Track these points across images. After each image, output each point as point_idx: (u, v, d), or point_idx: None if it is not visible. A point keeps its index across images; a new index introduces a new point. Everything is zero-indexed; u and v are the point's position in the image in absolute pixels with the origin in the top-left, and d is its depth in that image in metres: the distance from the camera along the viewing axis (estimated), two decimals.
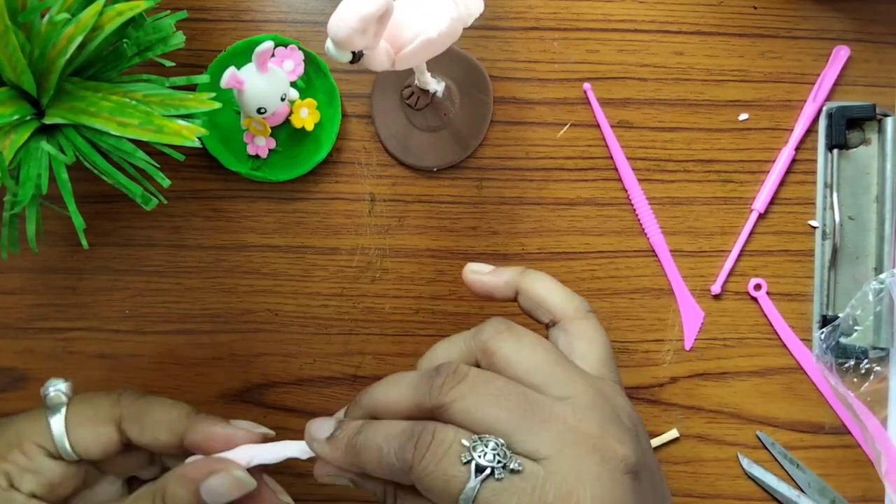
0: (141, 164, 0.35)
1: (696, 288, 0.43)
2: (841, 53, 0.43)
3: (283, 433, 0.42)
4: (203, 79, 0.37)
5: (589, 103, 0.43)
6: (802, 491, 0.43)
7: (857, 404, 0.43)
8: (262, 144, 0.42)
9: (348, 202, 0.43)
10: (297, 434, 0.33)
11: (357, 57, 0.32)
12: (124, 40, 0.35)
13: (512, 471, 0.28)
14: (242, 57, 0.41)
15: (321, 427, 0.32)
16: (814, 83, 0.43)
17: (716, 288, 0.43)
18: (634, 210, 0.43)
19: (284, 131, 0.42)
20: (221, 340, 0.43)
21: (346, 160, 0.43)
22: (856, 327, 0.43)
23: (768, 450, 0.43)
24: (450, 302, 0.43)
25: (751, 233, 0.43)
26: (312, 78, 0.42)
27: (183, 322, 0.43)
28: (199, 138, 0.34)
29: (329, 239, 0.43)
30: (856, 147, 0.44)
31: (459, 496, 0.28)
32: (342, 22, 0.30)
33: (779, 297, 0.44)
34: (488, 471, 0.27)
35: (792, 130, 0.44)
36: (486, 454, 0.28)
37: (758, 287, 0.43)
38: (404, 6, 0.34)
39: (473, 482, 0.27)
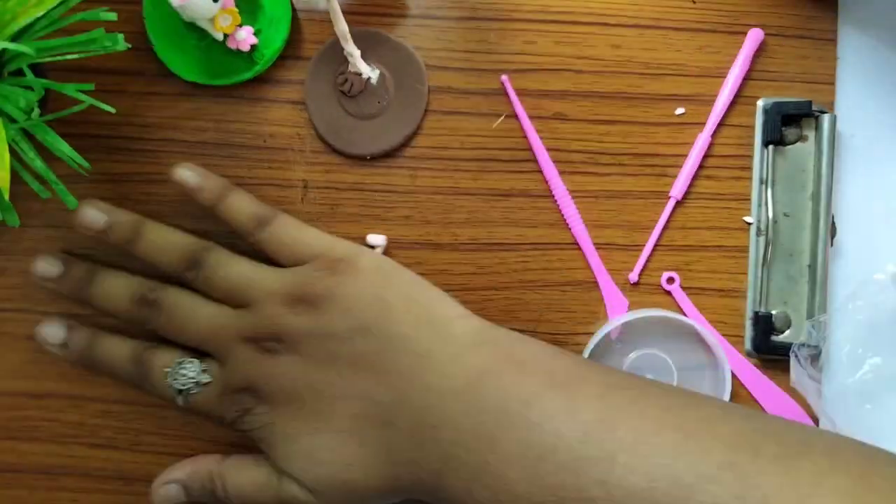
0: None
1: (626, 282, 0.43)
2: (754, 37, 0.43)
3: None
4: (111, 16, 0.36)
5: (507, 95, 0.43)
6: None
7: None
8: (243, 37, 0.41)
9: (280, 188, 0.43)
10: None
11: None
12: None
13: (200, 384, 0.39)
14: None
15: (52, 331, 0.41)
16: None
17: (633, 276, 0.43)
18: (557, 203, 0.43)
19: (242, 14, 0.41)
20: None
21: (279, 146, 0.43)
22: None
23: None
24: None
25: (668, 220, 0.43)
26: None
27: None
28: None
29: None
30: (792, 144, 0.44)
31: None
32: None
33: (712, 293, 0.43)
34: (183, 391, 0.39)
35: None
36: (181, 378, 0.39)
37: (671, 280, 0.43)
38: None
39: (179, 400, 0.39)
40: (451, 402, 0.35)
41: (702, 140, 0.43)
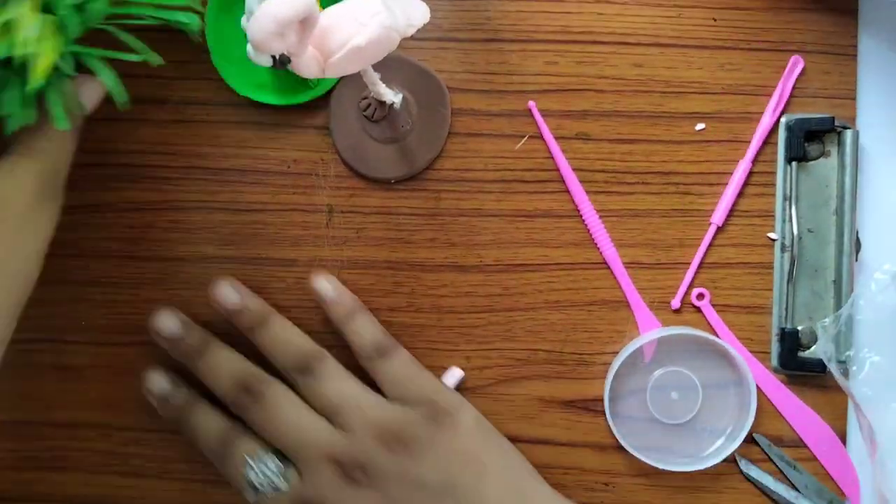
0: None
1: (655, 300, 0.43)
2: (798, 64, 0.43)
3: None
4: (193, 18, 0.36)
5: (533, 116, 0.43)
6: (799, 492, 0.43)
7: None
8: None
9: (306, 213, 0.43)
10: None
11: (281, 61, 0.31)
12: None
13: (276, 488, 0.38)
14: None
15: (157, 383, 0.41)
16: (772, 95, 0.43)
17: (675, 302, 0.43)
18: (585, 223, 0.43)
19: None
20: None
21: (304, 171, 0.43)
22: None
23: (765, 451, 0.43)
24: (407, 314, 0.43)
25: (709, 245, 0.43)
26: None
27: (140, 334, 0.43)
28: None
29: (286, 250, 0.43)
30: (815, 159, 0.44)
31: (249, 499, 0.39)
32: (258, 25, 0.30)
33: (738, 310, 0.43)
34: (257, 488, 0.38)
35: (750, 142, 0.43)
36: (259, 473, 0.38)
37: (700, 297, 0.43)
38: (333, 12, 0.33)
39: (251, 496, 0.38)
40: None
41: (742, 167, 0.43)
